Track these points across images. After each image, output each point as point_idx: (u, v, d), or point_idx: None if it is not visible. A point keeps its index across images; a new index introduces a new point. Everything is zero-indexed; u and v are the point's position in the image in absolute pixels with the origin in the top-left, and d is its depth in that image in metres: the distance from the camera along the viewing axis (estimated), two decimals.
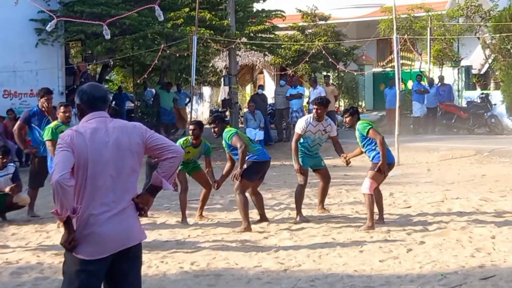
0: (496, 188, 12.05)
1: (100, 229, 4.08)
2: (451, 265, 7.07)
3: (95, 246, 4.07)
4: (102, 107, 4.30)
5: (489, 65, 24.40)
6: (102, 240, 4.08)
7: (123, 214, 4.16)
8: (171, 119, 22.72)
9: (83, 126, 4.19)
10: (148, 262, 7.51)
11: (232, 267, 7.32)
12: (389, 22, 23.92)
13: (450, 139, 19.48)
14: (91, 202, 4.09)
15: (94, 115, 4.24)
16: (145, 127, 4.39)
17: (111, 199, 4.13)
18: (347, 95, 29.12)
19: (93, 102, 4.28)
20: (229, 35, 20.87)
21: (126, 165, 4.20)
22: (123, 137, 4.21)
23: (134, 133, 4.28)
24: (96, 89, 4.36)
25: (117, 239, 4.12)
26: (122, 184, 4.18)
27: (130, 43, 20.03)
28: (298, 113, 20.85)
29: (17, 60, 19.60)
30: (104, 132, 4.18)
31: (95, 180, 4.10)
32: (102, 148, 4.12)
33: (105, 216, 4.10)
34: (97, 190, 4.10)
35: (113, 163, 4.14)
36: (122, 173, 4.18)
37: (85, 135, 4.12)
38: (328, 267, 7.17)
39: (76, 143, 4.07)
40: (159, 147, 4.31)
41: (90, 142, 4.10)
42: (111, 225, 4.10)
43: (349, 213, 10.21)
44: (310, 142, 9.73)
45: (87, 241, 4.07)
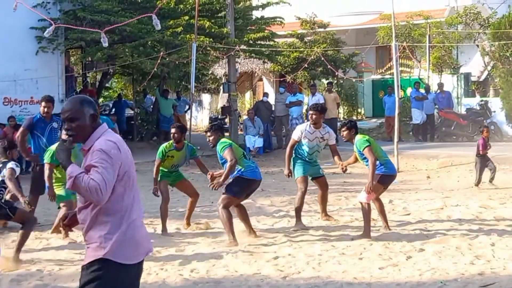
0: (496, 195, 12.06)
1: (138, 233, 4.14)
2: (451, 273, 7.07)
3: (135, 250, 4.11)
4: None
5: (488, 72, 24.42)
6: (140, 244, 4.14)
7: (142, 221, 4.29)
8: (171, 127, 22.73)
9: (113, 136, 4.16)
10: (147, 269, 7.51)
11: (231, 274, 7.32)
12: (388, 29, 23.96)
13: (449, 146, 19.49)
14: (132, 207, 4.13)
15: (106, 127, 4.23)
16: None
17: (139, 206, 4.22)
18: (346, 102, 29.13)
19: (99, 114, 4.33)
20: (228, 42, 20.92)
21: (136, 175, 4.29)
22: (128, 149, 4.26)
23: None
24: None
25: (147, 244, 4.26)
26: (138, 192, 4.27)
27: (130, 51, 20.08)
28: (297, 120, 20.88)
29: (17, 68, 19.64)
30: (123, 142, 4.22)
31: (134, 187, 4.16)
32: (130, 158, 4.20)
33: (140, 222, 4.20)
34: (135, 196, 4.17)
35: (134, 172, 4.23)
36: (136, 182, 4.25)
37: (124, 145, 4.16)
38: (328, 275, 7.17)
39: (122, 154, 4.08)
40: None
41: (127, 152, 4.17)
42: (143, 229, 4.24)
43: (349, 220, 10.21)
44: (308, 149, 9.72)
45: (129, 245, 4.09)
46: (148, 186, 14.69)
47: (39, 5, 19.82)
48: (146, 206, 11.90)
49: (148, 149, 22.06)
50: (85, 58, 24.07)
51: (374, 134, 23.77)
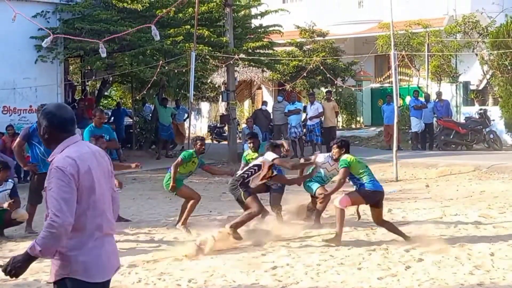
0: (495, 205, 12.01)
1: (105, 250, 4.05)
2: (450, 283, 7.05)
3: (103, 268, 4.03)
4: (73, 130, 4.14)
5: (487, 81, 24.44)
6: (106, 262, 4.06)
7: (112, 238, 4.19)
8: (170, 135, 22.73)
9: (76, 151, 4.02)
10: (145, 279, 7.49)
11: (229, 284, 7.29)
12: (387, 38, 23.99)
13: (448, 155, 19.47)
14: (98, 223, 4.03)
15: (73, 139, 4.09)
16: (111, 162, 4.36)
17: (108, 221, 4.11)
18: (345, 110, 29.20)
19: (66, 125, 4.08)
20: (227, 51, 20.94)
21: (109, 189, 4.20)
22: (103, 161, 4.19)
23: (106, 158, 4.25)
24: (64, 111, 4.14)
25: (115, 261, 4.17)
26: (110, 207, 4.18)
27: (129, 59, 20.08)
28: (296, 129, 20.87)
29: (16, 76, 19.64)
30: (92, 155, 4.10)
31: (98, 204, 4.04)
32: (97, 171, 4.07)
33: (108, 239, 4.10)
34: (99, 214, 4.04)
35: (104, 186, 4.12)
36: (109, 197, 4.17)
37: (85, 160, 4.01)
38: (326, 285, 7.14)
39: (80, 171, 3.94)
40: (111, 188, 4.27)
41: (92, 167, 4.02)
42: (111, 246, 4.12)
43: (348, 229, 10.16)
44: (322, 176, 10.52)
45: (98, 264, 4.00)
46: (147, 194, 14.75)
47: (39, 15, 19.87)
48: (144, 215, 11.92)
49: (147, 157, 22.06)
50: (84, 67, 24.08)
51: (373, 143, 23.79)
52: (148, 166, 19.74)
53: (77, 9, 20.51)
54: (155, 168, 19.25)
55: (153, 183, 16.85)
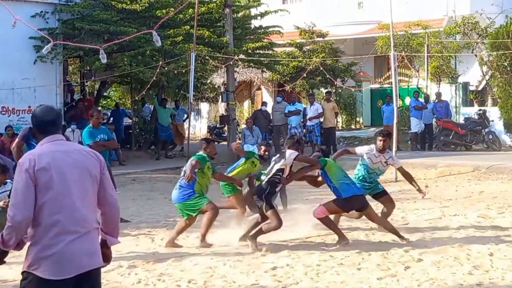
0: (494, 205, 12.02)
1: (67, 249, 4.06)
2: (449, 283, 7.05)
3: (61, 266, 4.05)
4: (53, 131, 4.28)
5: (487, 81, 24.46)
6: (68, 260, 4.06)
7: (88, 236, 4.17)
8: (169, 136, 22.73)
9: (42, 148, 4.19)
10: (145, 280, 7.49)
11: (229, 285, 7.29)
12: (386, 39, 24.00)
13: (447, 156, 19.48)
14: (58, 219, 4.07)
15: (50, 139, 4.24)
16: (104, 161, 4.41)
17: (79, 221, 4.13)
18: (345, 111, 29.20)
19: (44, 126, 4.28)
20: (227, 52, 20.95)
21: (90, 189, 4.23)
22: (83, 160, 4.24)
23: (92, 158, 4.30)
24: (46, 113, 4.31)
25: (84, 259, 4.13)
26: (87, 207, 4.20)
27: (128, 60, 20.09)
28: (296, 129, 20.86)
29: (15, 77, 19.64)
30: (64, 154, 4.19)
31: (62, 201, 4.09)
32: (65, 169, 4.13)
33: (73, 237, 4.09)
34: (59, 211, 4.08)
35: (78, 184, 4.17)
36: (87, 196, 4.20)
37: (46, 157, 4.12)
38: (326, 285, 7.14)
39: (37, 167, 4.05)
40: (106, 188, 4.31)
41: (53, 164, 4.10)
42: (77, 246, 4.10)
43: (347, 230, 10.16)
44: (366, 172, 9.65)
45: (54, 260, 4.04)
46: (146, 195, 14.75)
47: (38, 15, 19.87)
48: (144, 216, 11.92)
49: (146, 158, 22.09)
50: (84, 67, 24.08)
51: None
52: (148, 166, 19.78)
53: (76, 9, 20.52)
54: (154, 169, 19.28)
55: (152, 183, 16.86)
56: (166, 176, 18.09)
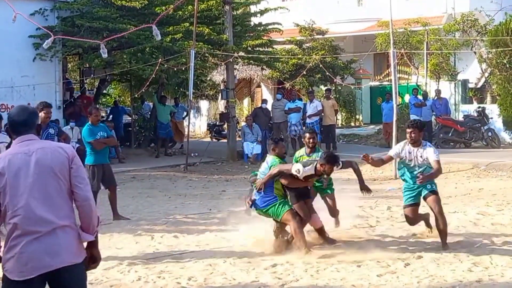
0: (493, 202, 12.04)
1: (24, 249, 4.11)
2: (449, 280, 7.06)
3: (22, 267, 4.09)
4: (23, 131, 4.33)
5: (486, 79, 24.47)
6: (28, 261, 4.10)
7: (51, 235, 4.17)
8: (168, 133, 22.71)
9: (6, 152, 4.38)
10: (145, 277, 7.50)
11: (229, 282, 7.30)
12: (386, 36, 24.00)
13: (447, 153, 19.45)
14: (16, 225, 4.14)
15: (19, 140, 4.31)
16: (75, 153, 4.39)
17: (37, 220, 4.15)
18: (345, 108, 29.20)
19: (15, 127, 4.36)
20: (227, 49, 20.94)
21: (50, 186, 4.23)
22: (46, 158, 4.26)
23: (58, 154, 4.30)
24: (18, 114, 4.38)
25: (42, 260, 4.13)
26: (49, 206, 4.19)
27: (128, 57, 20.07)
28: (296, 127, 20.88)
29: (14, 74, 19.62)
30: (24, 155, 4.23)
31: (17, 203, 4.15)
32: (20, 172, 4.18)
33: (31, 237, 4.12)
34: (19, 213, 4.14)
35: (36, 185, 4.19)
36: (48, 195, 4.21)
37: (5, 161, 4.20)
38: (326, 282, 7.15)
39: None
40: (75, 184, 4.30)
41: (8, 168, 4.17)
42: (36, 246, 4.12)
43: (348, 227, 10.17)
44: (408, 173, 8.70)
45: (15, 262, 4.11)
46: (146, 192, 14.76)
47: (37, 12, 19.84)
48: (144, 213, 11.92)
49: (145, 155, 22.08)
50: (83, 65, 24.06)
51: (372, 141, 23.81)
52: (147, 164, 19.79)
53: (76, 7, 20.50)
54: (154, 167, 19.28)
55: (152, 181, 16.87)
56: (166, 174, 18.11)
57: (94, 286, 7.18)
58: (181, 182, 16.71)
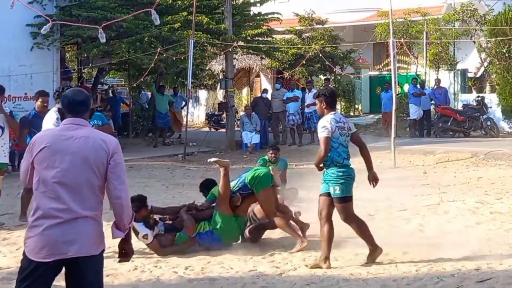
0: (492, 191, 12.04)
1: (45, 233, 4.15)
2: (447, 268, 7.05)
3: (39, 249, 4.16)
4: (80, 112, 4.37)
5: (485, 68, 24.42)
6: (45, 245, 4.15)
7: (72, 224, 4.18)
8: (166, 123, 22.67)
9: (52, 130, 4.50)
10: (141, 267, 7.47)
11: (227, 271, 7.28)
12: (385, 26, 23.93)
13: (446, 142, 19.48)
14: (41, 205, 4.20)
15: (70, 121, 4.35)
16: (117, 150, 4.36)
17: (61, 206, 4.17)
18: (344, 98, 29.15)
19: (73, 106, 4.38)
20: (226, 38, 20.86)
21: (82, 177, 4.22)
22: (85, 149, 4.26)
23: (99, 147, 4.29)
24: (77, 94, 4.45)
25: (58, 247, 4.16)
26: (76, 194, 4.20)
27: (126, 47, 19.99)
28: (294, 116, 20.84)
29: (11, 63, 19.51)
30: (68, 139, 4.26)
31: (46, 185, 4.20)
32: (58, 155, 4.22)
33: (52, 222, 4.16)
34: (47, 195, 4.19)
35: (68, 172, 4.21)
36: (77, 184, 4.21)
37: (47, 140, 4.27)
38: (324, 271, 7.13)
39: (35, 147, 4.26)
40: (110, 180, 4.30)
41: (48, 148, 4.22)
42: (55, 231, 4.15)
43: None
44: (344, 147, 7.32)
45: (35, 242, 4.18)
46: (144, 182, 14.71)
47: (35, 1, 19.71)
48: None
49: (143, 145, 22.05)
50: (81, 54, 23.97)
51: (371, 130, 23.77)
52: (145, 154, 19.75)
53: None
54: (152, 156, 19.24)
55: (150, 171, 16.82)
56: (164, 164, 18.07)
57: None
58: (179, 171, 16.68)
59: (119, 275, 7.21)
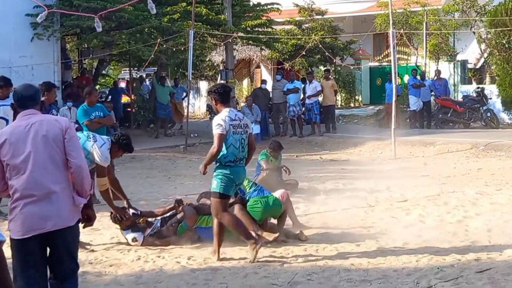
0: (492, 182, 12.09)
1: (23, 212, 4.71)
2: (447, 259, 7.10)
3: (20, 227, 4.71)
4: (29, 106, 4.93)
5: (485, 59, 24.41)
6: (24, 222, 4.70)
7: (46, 200, 4.73)
8: (168, 114, 22.68)
9: (10, 125, 5.01)
10: (144, 257, 7.53)
11: (228, 261, 7.33)
12: (385, 16, 23.91)
13: (446, 133, 19.51)
14: (16, 188, 4.74)
15: (23, 114, 4.91)
16: (70, 125, 4.95)
17: (33, 185, 4.71)
18: (344, 89, 29.14)
19: (22, 101, 4.95)
20: (225, 29, 20.85)
21: (45, 154, 4.78)
22: (42, 130, 4.81)
23: (53, 126, 4.86)
24: (26, 90, 5.01)
25: (35, 223, 4.70)
26: (43, 171, 4.75)
27: (126, 37, 19.99)
28: (295, 107, 20.85)
29: (12, 55, 19.53)
30: (25, 127, 4.81)
31: (17, 170, 4.74)
32: (20, 142, 4.77)
33: (27, 200, 4.71)
34: (20, 178, 4.73)
35: (33, 153, 4.74)
36: (43, 161, 4.75)
37: (7, 133, 4.83)
38: (325, 261, 7.18)
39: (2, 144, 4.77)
40: (68, 153, 4.85)
41: (9, 139, 4.77)
42: (31, 209, 4.70)
43: (347, 206, 10.22)
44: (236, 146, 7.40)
45: (15, 222, 4.75)
46: (145, 173, 14.77)
47: None
48: (142, 194, 11.93)
49: (145, 136, 22.06)
50: (81, 45, 23.97)
51: (371, 121, 23.80)
52: (147, 145, 19.77)
53: None
54: (153, 147, 19.27)
55: (151, 162, 16.87)
56: (165, 154, 18.11)
57: (94, 266, 7.23)
58: (181, 162, 16.72)
59: (122, 265, 7.27)
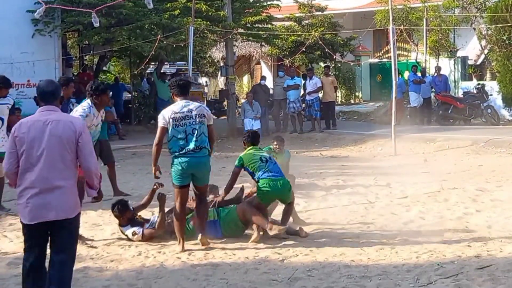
0: (493, 178, 12.10)
1: (29, 201, 5.19)
2: (447, 255, 7.12)
3: (27, 214, 5.22)
4: (51, 100, 5.37)
5: (485, 55, 24.40)
6: (30, 210, 5.19)
7: (49, 193, 5.20)
8: None
9: (30, 117, 5.31)
10: (145, 253, 7.55)
11: (229, 257, 7.35)
12: (385, 13, 23.89)
13: (446, 130, 19.50)
14: (26, 179, 5.21)
15: (43, 108, 5.35)
16: (84, 130, 5.37)
17: (40, 178, 5.18)
18: (344, 86, 29.16)
19: (44, 96, 5.39)
20: (225, 25, 20.85)
21: (57, 153, 5.22)
22: (57, 130, 5.23)
23: (68, 128, 5.28)
24: (47, 85, 5.44)
25: (40, 212, 5.19)
26: (52, 167, 5.19)
27: (127, 34, 19.98)
28: (295, 104, 20.84)
29: (13, 51, 19.53)
30: (43, 123, 5.24)
31: (28, 163, 5.21)
32: (36, 137, 5.20)
33: (33, 191, 5.19)
34: (30, 170, 5.20)
35: (46, 150, 5.19)
36: (53, 159, 5.20)
37: (26, 126, 5.24)
38: (325, 257, 7.20)
39: (18, 133, 5.23)
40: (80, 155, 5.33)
41: (27, 134, 5.21)
42: (37, 199, 5.19)
43: (347, 203, 10.23)
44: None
45: (23, 209, 5.24)
46: (146, 169, 14.71)
47: None
48: (144, 189, 11.87)
49: (146, 132, 22.04)
50: (82, 41, 23.96)
51: (371, 118, 23.80)
52: (147, 141, 19.71)
53: None
54: None
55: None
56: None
57: (95, 261, 7.25)
58: None
59: (123, 260, 7.29)
